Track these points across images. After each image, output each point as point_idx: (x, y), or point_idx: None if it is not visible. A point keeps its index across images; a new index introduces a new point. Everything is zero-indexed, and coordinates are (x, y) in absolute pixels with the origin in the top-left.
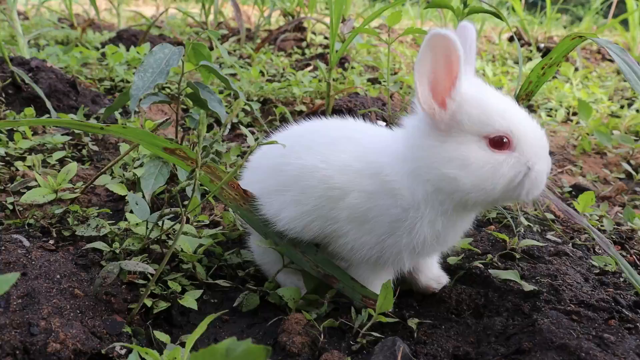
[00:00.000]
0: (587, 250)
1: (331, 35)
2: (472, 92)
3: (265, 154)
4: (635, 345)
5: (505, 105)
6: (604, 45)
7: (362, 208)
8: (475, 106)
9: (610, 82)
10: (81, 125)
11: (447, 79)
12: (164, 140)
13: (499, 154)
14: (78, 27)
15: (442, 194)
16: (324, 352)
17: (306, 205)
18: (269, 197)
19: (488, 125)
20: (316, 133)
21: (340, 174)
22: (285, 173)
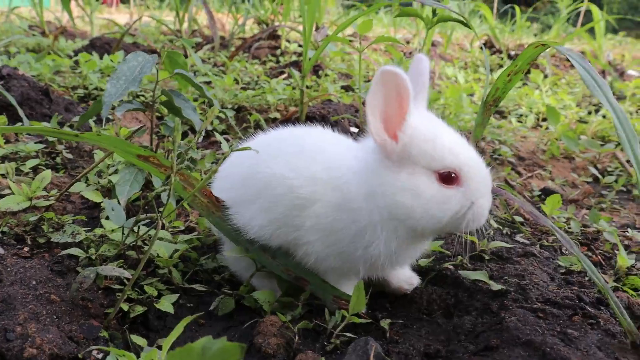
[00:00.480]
0: (554, 251)
1: (304, 42)
2: (424, 127)
3: (235, 163)
4: (597, 340)
5: (455, 142)
6: (565, 53)
7: (328, 219)
8: (426, 142)
9: (578, 88)
10: (55, 132)
11: (398, 114)
12: (138, 147)
13: (446, 189)
14: (50, 35)
15: (395, 220)
16: (299, 353)
17: (274, 213)
18: (240, 207)
19: (438, 161)
20: (284, 142)
21: (307, 184)
22: (255, 182)
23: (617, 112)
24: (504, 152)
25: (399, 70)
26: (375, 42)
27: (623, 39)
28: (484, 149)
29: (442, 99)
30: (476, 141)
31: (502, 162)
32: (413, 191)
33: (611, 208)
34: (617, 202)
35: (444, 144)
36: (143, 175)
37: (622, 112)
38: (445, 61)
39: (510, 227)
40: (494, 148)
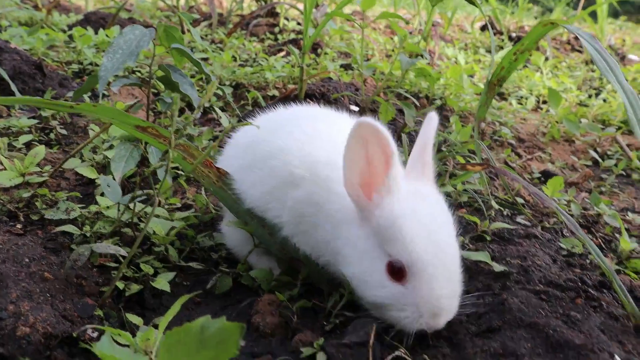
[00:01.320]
0: (556, 233)
1: (305, 19)
2: (402, 198)
3: (246, 132)
4: (600, 322)
5: (424, 230)
6: (576, 33)
7: (301, 208)
8: (392, 217)
9: (579, 72)
10: (50, 104)
11: (376, 174)
12: (136, 118)
13: (390, 282)
14: (43, 9)
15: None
16: (298, 333)
17: (266, 185)
18: (242, 173)
19: (399, 255)
20: (297, 120)
21: (301, 164)
22: (258, 151)
23: (628, 93)
24: (504, 133)
25: (379, 125)
26: (378, 18)
27: (624, 23)
28: (484, 130)
29: (442, 79)
30: (479, 120)
31: (502, 143)
32: (360, 261)
33: (610, 192)
34: (617, 186)
35: (409, 227)
36: (139, 152)
37: (633, 93)
38: (445, 42)
39: (511, 208)
40: (494, 129)
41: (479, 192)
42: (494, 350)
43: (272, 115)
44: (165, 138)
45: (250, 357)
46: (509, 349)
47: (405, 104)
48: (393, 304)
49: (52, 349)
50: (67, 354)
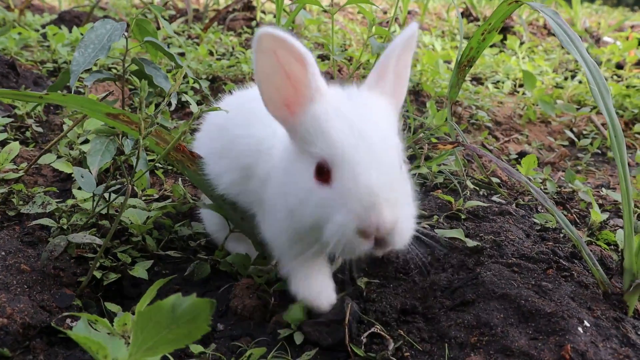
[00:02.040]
0: (530, 209)
1: (277, 9)
2: (326, 102)
3: (212, 117)
4: (570, 291)
5: (347, 124)
6: (538, 9)
7: (260, 187)
8: (318, 120)
9: (555, 55)
10: (18, 94)
11: (294, 85)
12: (106, 105)
13: (321, 189)
14: (15, 9)
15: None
16: (275, 314)
17: (233, 175)
18: (213, 159)
19: (328, 153)
20: (251, 102)
21: (257, 145)
22: (224, 139)
23: (589, 65)
24: (480, 116)
25: (283, 33)
26: (347, 4)
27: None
28: (461, 114)
29: (418, 65)
30: (451, 102)
31: (480, 127)
32: (291, 185)
33: (587, 170)
34: (593, 164)
35: (333, 124)
36: (115, 145)
37: (594, 65)
38: (422, 30)
39: (487, 188)
40: (471, 113)
41: (455, 173)
42: (467, 322)
43: (232, 99)
44: (137, 125)
45: (229, 339)
46: (483, 320)
47: None
48: (323, 212)
49: (30, 339)
50: (46, 344)
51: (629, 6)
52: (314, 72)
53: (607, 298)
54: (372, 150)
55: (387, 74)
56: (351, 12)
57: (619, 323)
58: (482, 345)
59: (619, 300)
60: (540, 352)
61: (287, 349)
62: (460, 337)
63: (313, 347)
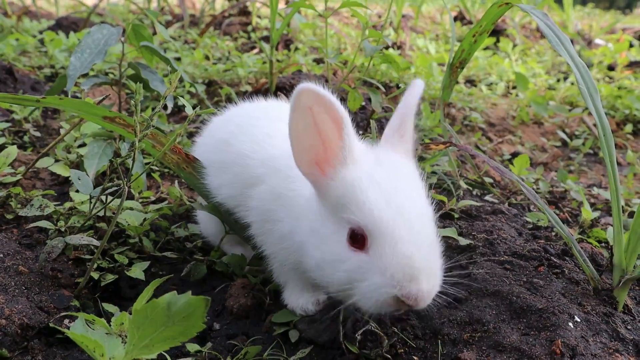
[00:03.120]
0: (523, 208)
1: (271, 12)
2: (364, 169)
3: (217, 128)
4: (561, 287)
5: (383, 191)
6: (528, 11)
7: (265, 205)
8: (353, 186)
9: (548, 57)
10: (16, 98)
11: (326, 144)
12: (103, 109)
13: (352, 251)
14: (12, 15)
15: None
16: (271, 313)
17: (233, 189)
18: (213, 171)
19: (360, 220)
20: (259, 119)
21: (261, 165)
22: (227, 153)
23: (578, 66)
24: (474, 118)
25: (322, 90)
26: (341, 7)
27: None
28: (455, 115)
29: (412, 68)
30: (444, 103)
31: (473, 128)
32: (321, 243)
33: (579, 170)
34: (585, 164)
35: (369, 194)
36: (112, 148)
37: (583, 65)
38: (416, 33)
39: (480, 188)
40: (464, 115)
41: (448, 173)
42: (460, 319)
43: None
44: (133, 127)
45: (225, 338)
46: (475, 317)
47: (372, 90)
48: (357, 275)
49: (29, 340)
50: (45, 344)
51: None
52: (349, 133)
53: (598, 294)
54: (411, 224)
55: (407, 132)
56: (346, 17)
57: (609, 318)
58: (474, 341)
59: (609, 295)
60: (532, 347)
61: (283, 346)
62: (453, 334)
63: (308, 344)
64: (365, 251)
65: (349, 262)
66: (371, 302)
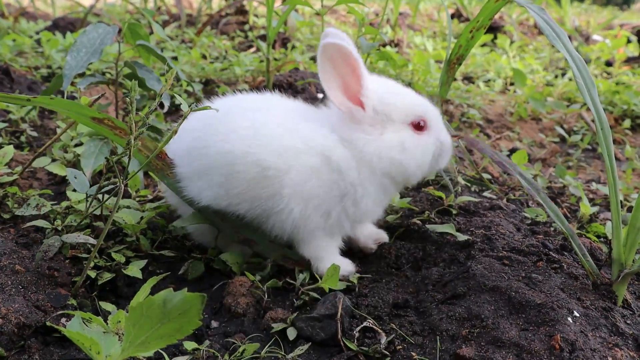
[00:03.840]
0: (521, 204)
1: (268, 10)
2: (383, 86)
3: (178, 138)
4: (560, 282)
5: (412, 93)
6: (525, 5)
7: (307, 184)
8: (396, 98)
9: (545, 54)
10: (6, 97)
11: (354, 82)
12: (92, 110)
13: (422, 136)
14: (9, 16)
15: (388, 176)
16: (269, 311)
17: (234, 188)
18: (187, 181)
19: (410, 113)
20: (235, 115)
21: (276, 156)
22: (203, 158)
23: (575, 60)
24: (472, 115)
25: (340, 41)
26: (337, 4)
27: (589, 6)
28: (453, 112)
29: (410, 65)
30: (442, 100)
31: (471, 124)
32: (400, 146)
33: (578, 165)
34: (583, 160)
35: (409, 97)
36: (108, 147)
37: (581, 60)
38: (414, 31)
39: (479, 184)
40: (462, 111)
41: (446, 170)
42: (459, 315)
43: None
44: (121, 130)
45: (222, 336)
46: (474, 312)
47: None
48: (434, 150)
49: (26, 339)
50: (42, 343)
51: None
52: (362, 67)
53: (597, 288)
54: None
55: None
56: (343, 15)
57: (608, 313)
58: (473, 337)
59: (608, 290)
60: (531, 342)
61: (281, 344)
62: (452, 330)
63: (306, 342)
64: (429, 130)
65: (430, 143)
66: (447, 159)
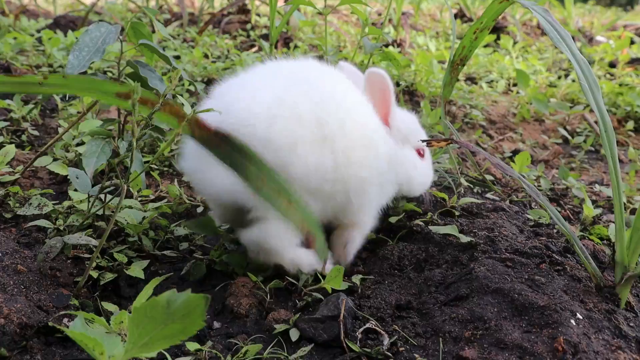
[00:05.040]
0: (524, 206)
1: (271, 10)
2: (401, 112)
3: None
4: (563, 285)
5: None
6: (529, 7)
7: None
8: (411, 123)
9: (549, 55)
10: (15, 83)
11: (385, 105)
12: (115, 84)
13: (422, 161)
14: (10, 14)
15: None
16: (271, 312)
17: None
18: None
19: (417, 139)
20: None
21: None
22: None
23: (579, 62)
24: (475, 115)
25: (382, 72)
26: (340, 4)
27: (592, 7)
28: (455, 113)
29: (412, 66)
30: (445, 101)
31: (474, 125)
32: (413, 164)
33: (580, 167)
34: (586, 162)
35: (418, 125)
36: (110, 147)
37: (584, 62)
38: (416, 31)
39: (481, 186)
40: (465, 112)
41: (449, 171)
42: (462, 316)
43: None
44: (152, 102)
45: (225, 337)
46: (477, 314)
47: None
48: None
49: (28, 339)
50: (44, 343)
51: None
52: (391, 97)
53: (600, 291)
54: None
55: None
56: (345, 15)
57: (611, 315)
58: (476, 339)
59: (611, 292)
60: (534, 344)
61: (283, 345)
62: (455, 332)
63: (308, 343)
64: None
65: (421, 165)
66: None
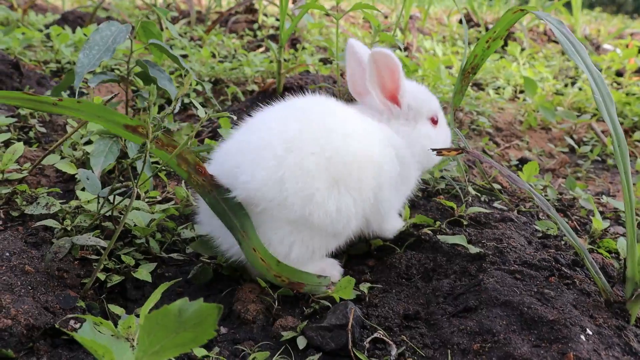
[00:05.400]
0: (532, 216)
1: (281, 11)
2: (412, 86)
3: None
4: (572, 299)
5: (426, 89)
6: (543, 18)
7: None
8: (423, 96)
9: (555, 62)
10: (32, 100)
11: (393, 84)
12: (124, 116)
13: (437, 129)
14: (19, 9)
15: (419, 163)
16: (278, 318)
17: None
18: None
19: (431, 109)
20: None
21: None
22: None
23: (594, 75)
24: (481, 122)
25: (387, 51)
26: (352, 9)
27: (599, 14)
28: (462, 120)
29: (420, 70)
30: (455, 109)
31: (480, 132)
32: (429, 137)
33: (587, 177)
34: (593, 172)
35: (429, 94)
36: (118, 147)
37: (599, 75)
38: (423, 35)
39: (489, 194)
40: (472, 119)
41: (457, 179)
42: (470, 328)
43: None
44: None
45: (232, 343)
46: (485, 327)
47: None
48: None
49: (34, 341)
50: (50, 345)
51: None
52: (401, 72)
53: (610, 306)
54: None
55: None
56: (352, 17)
57: (621, 331)
58: (484, 352)
59: (621, 308)
60: (543, 359)
61: (291, 353)
62: (463, 344)
63: (316, 351)
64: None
65: (445, 134)
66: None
